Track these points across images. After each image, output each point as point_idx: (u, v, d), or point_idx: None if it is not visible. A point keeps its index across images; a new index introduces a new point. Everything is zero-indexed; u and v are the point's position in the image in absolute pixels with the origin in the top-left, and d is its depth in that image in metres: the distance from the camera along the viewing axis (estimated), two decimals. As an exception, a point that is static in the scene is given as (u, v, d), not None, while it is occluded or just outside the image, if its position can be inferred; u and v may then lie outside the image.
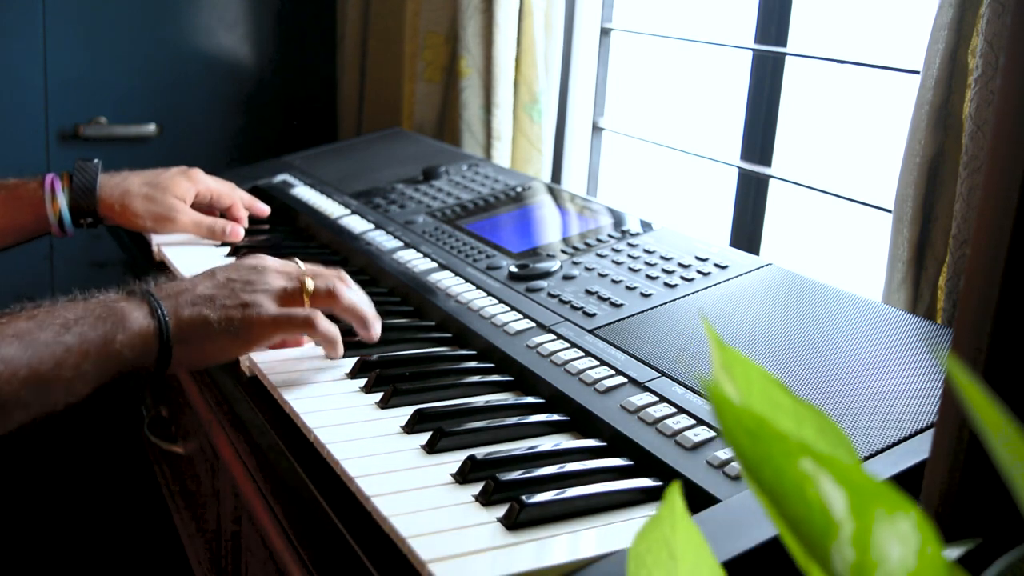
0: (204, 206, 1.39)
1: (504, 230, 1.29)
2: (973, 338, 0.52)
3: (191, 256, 1.29)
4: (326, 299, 0.95)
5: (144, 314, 0.87)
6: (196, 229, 1.34)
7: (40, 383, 0.80)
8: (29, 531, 1.91)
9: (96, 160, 1.33)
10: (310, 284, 0.95)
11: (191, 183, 1.36)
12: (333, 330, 0.94)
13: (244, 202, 1.41)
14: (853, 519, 0.32)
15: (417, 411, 0.85)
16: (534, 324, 1.01)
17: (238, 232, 1.35)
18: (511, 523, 0.69)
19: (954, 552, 0.48)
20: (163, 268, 1.30)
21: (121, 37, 2.02)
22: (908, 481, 0.70)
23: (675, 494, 0.39)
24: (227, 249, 1.33)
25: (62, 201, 1.28)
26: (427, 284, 1.15)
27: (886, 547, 0.32)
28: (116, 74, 2.03)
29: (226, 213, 1.40)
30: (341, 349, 0.95)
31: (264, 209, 1.44)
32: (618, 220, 1.25)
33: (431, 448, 0.80)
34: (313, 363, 0.97)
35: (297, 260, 1.01)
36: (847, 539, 0.32)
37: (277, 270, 0.97)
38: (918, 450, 0.73)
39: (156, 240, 1.35)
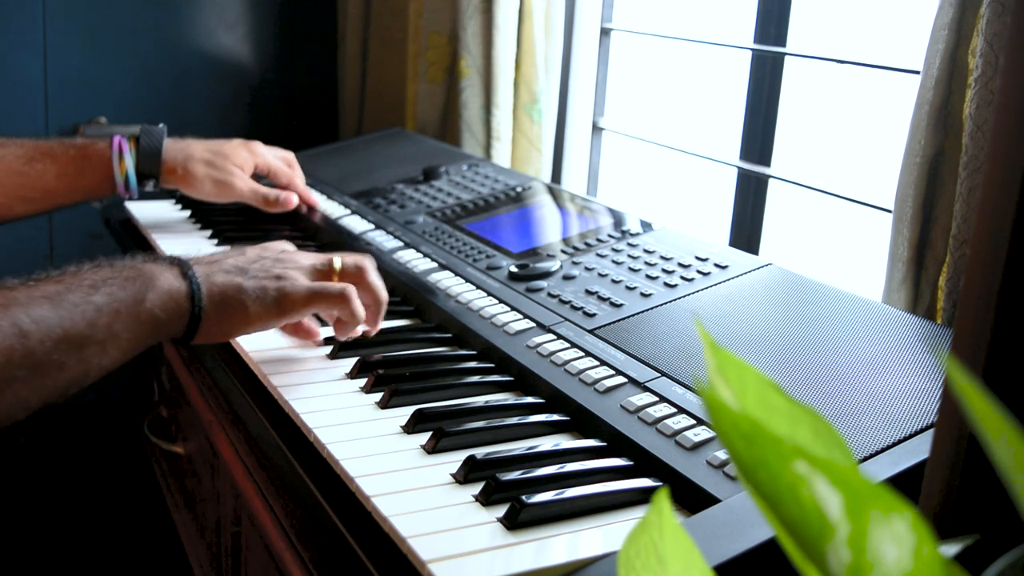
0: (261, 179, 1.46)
1: (504, 230, 1.29)
2: (973, 338, 0.52)
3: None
4: (354, 276, 0.96)
5: (174, 275, 0.87)
6: (252, 196, 1.39)
7: (73, 343, 0.79)
8: (29, 531, 1.91)
9: (162, 125, 1.39)
10: (337, 262, 0.96)
11: (251, 154, 1.41)
12: (362, 311, 0.95)
13: (299, 189, 1.46)
14: (848, 521, 0.32)
15: (417, 411, 0.85)
16: (534, 324, 1.01)
17: (292, 200, 1.41)
18: (511, 523, 0.69)
19: (951, 549, 0.48)
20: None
21: (121, 37, 2.02)
22: (908, 481, 0.70)
23: (662, 499, 0.39)
24: (227, 249, 1.34)
25: (129, 162, 1.33)
26: (427, 284, 1.15)
27: (882, 548, 0.32)
28: (116, 74, 2.03)
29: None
30: (357, 331, 0.97)
31: (314, 202, 1.47)
32: (618, 220, 1.25)
33: (431, 448, 0.80)
34: (313, 363, 0.97)
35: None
36: (843, 540, 0.32)
37: (303, 253, 0.99)
38: (918, 450, 0.73)
39: (157, 240, 1.35)
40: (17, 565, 1.85)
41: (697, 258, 1.09)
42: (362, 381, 0.93)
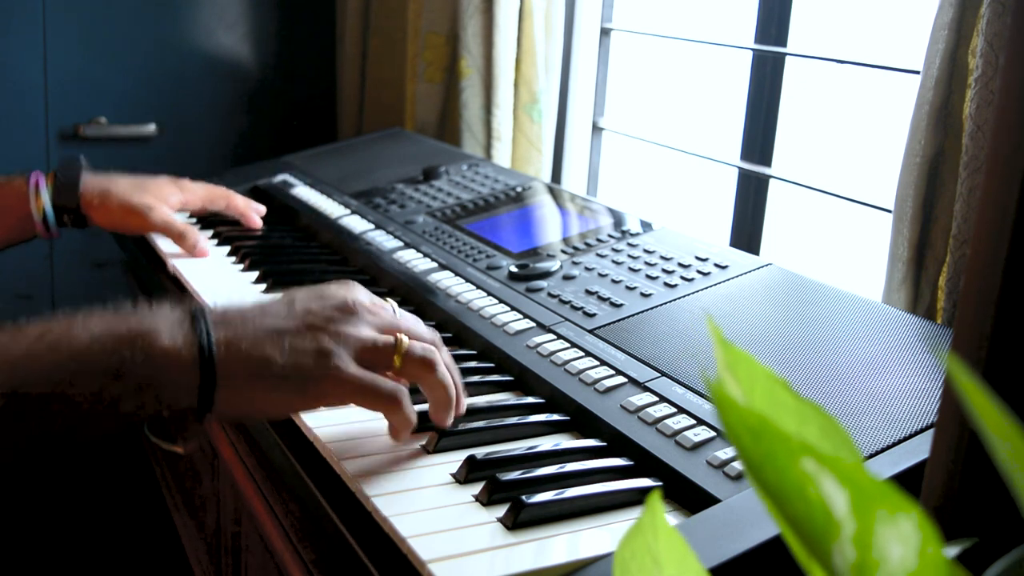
0: (200, 213, 1.41)
1: (504, 230, 1.29)
2: (973, 338, 0.52)
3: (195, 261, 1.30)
4: (419, 367, 0.77)
5: (181, 342, 0.69)
6: (166, 229, 1.30)
7: (20, 410, 0.68)
8: (29, 531, 1.91)
9: (82, 157, 1.33)
10: (405, 342, 0.76)
11: (177, 188, 1.36)
12: (413, 417, 0.77)
13: (239, 207, 1.41)
14: (854, 519, 0.32)
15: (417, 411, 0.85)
16: (534, 324, 1.01)
17: (204, 253, 1.30)
18: (511, 523, 0.69)
19: (951, 550, 0.48)
20: (164, 267, 1.30)
21: (121, 37, 2.03)
22: (908, 481, 0.70)
23: (656, 501, 0.39)
24: (228, 248, 1.33)
25: (45, 198, 1.27)
26: (427, 284, 1.15)
27: (887, 547, 0.32)
28: (116, 74, 2.03)
29: (224, 215, 1.41)
30: (407, 436, 0.79)
31: (255, 222, 1.42)
32: (618, 220, 1.25)
33: (431, 448, 0.80)
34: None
35: (391, 301, 0.83)
36: (848, 539, 0.32)
37: (369, 311, 0.78)
38: (918, 450, 0.73)
39: (157, 238, 1.35)
40: (17, 565, 1.85)
41: (697, 258, 1.10)
42: (362, 381, 0.93)
